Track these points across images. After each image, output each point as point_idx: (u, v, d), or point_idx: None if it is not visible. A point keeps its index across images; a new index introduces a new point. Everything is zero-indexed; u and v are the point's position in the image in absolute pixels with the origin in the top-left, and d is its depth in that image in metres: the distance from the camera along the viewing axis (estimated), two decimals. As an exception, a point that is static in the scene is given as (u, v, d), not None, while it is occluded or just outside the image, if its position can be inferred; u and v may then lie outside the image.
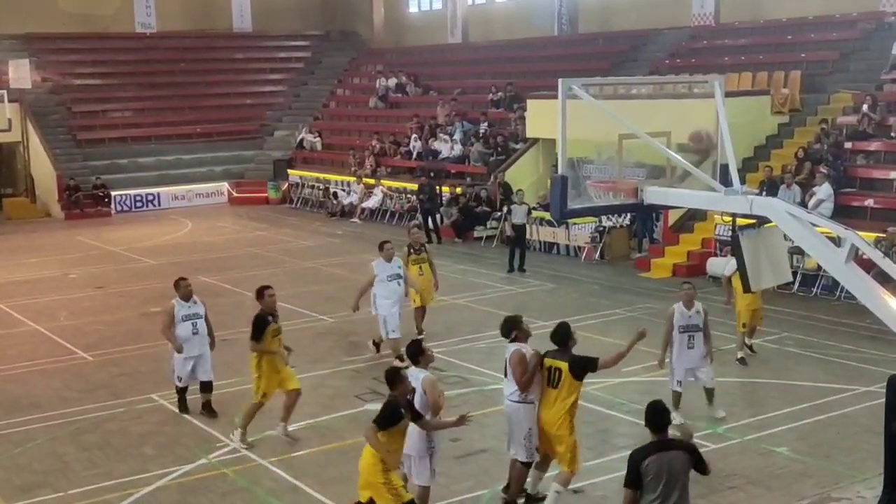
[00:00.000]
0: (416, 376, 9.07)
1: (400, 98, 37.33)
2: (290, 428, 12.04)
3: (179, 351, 12.54)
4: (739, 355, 14.49)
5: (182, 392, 12.85)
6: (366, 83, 40.65)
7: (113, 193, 34.10)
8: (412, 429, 8.77)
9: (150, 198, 34.90)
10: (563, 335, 9.56)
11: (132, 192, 34.68)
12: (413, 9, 44.58)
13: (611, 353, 9.82)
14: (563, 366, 9.33)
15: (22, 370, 15.25)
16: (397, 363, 12.84)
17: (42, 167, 34.70)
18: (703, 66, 26.79)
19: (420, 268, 16.07)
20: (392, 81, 37.76)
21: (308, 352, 15.80)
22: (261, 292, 11.97)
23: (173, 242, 27.79)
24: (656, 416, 7.10)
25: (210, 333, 12.90)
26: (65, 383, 14.50)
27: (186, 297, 12.76)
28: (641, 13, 32.52)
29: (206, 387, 12.77)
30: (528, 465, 9.67)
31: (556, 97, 10.32)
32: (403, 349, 10.19)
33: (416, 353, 9.35)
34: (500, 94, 31.79)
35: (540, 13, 35.87)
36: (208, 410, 12.67)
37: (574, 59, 32.20)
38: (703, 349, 11.98)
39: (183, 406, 12.81)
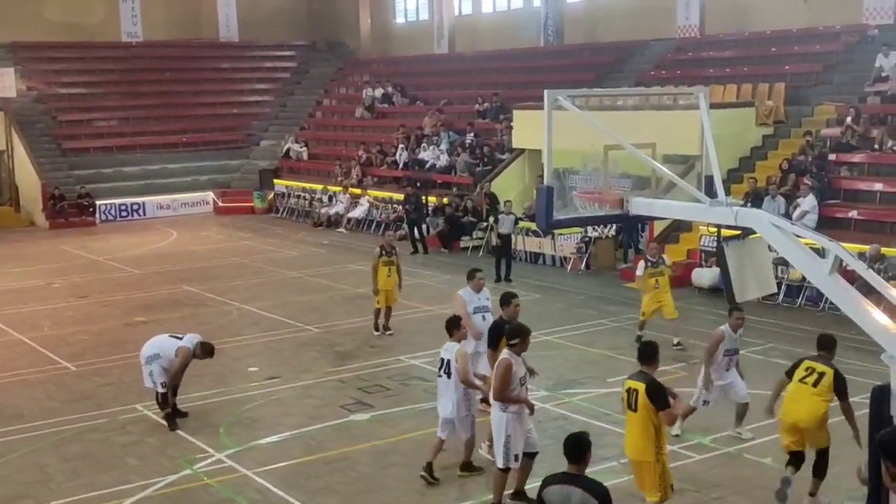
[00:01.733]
0: (449, 349, 10.51)
1: (386, 108, 37.35)
2: (274, 438, 12.01)
3: None
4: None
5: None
6: (352, 93, 40.67)
7: (98, 202, 33.97)
8: (454, 396, 10.36)
9: (135, 207, 34.78)
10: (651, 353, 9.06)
11: (117, 201, 34.55)
12: (400, 19, 44.66)
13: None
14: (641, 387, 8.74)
15: (4, 380, 15.14)
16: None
17: (26, 176, 34.53)
18: (688, 77, 26.92)
19: (389, 270, 17.08)
20: (378, 91, 37.79)
21: (293, 362, 15.77)
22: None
23: (158, 252, 27.69)
24: (573, 448, 6.84)
25: None
26: (48, 393, 14.40)
27: None
28: (627, 25, 32.66)
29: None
30: (505, 471, 9.74)
31: (542, 108, 10.36)
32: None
33: (452, 327, 10.74)
34: (486, 104, 31.85)
35: (526, 24, 35.98)
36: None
37: (560, 70, 32.29)
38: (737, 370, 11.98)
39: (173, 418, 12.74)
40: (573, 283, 21.91)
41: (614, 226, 22.25)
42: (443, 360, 10.54)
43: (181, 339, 12.74)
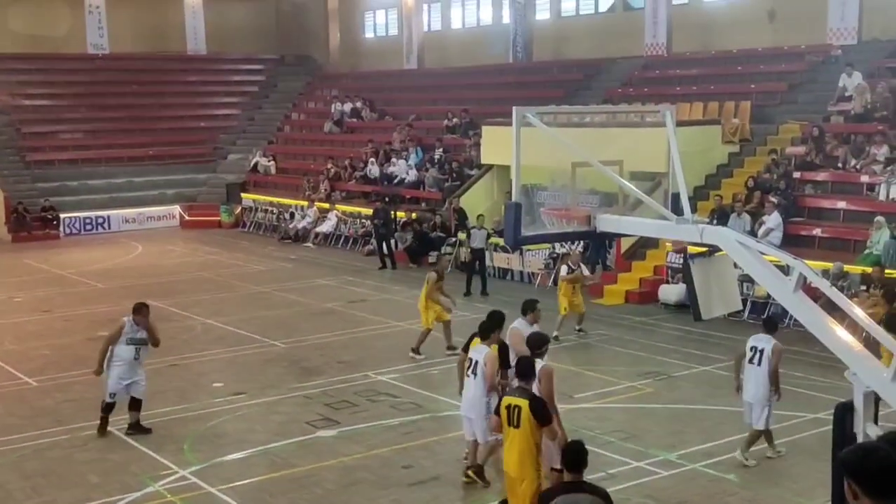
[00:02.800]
0: (480, 350, 10.76)
1: (355, 123, 37.32)
2: (239, 455, 11.89)
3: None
4: (555, 334, 16.66)
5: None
6: (321, 107, 40.60)
7: (62, 216, 33.60)
8: (473, 392, 10.59)
9: (100, 220, 34.44)
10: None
11: (82, 214, 34.21)
12: (369, 34, 44.71)
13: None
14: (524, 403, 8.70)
15: (-36, 396, 14.89)
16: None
17: (-11, 188, 34.14)
18: (655, 95, 27.12)
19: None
20: (347, 106, 37.76)
21: (259, 378, 15.64)
22: None
23: (123, 266, 27.42)
24: (573, 456, 7.01)
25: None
26: (7, 409, 14.18)
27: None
28: (595, 42, 32.90)
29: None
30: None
31: (510, 124, 10.37)
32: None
33: (489, 329, 11.00)
34: (455, 120, 31.91)
35: (495, 41, 36.13)
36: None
37: (528, 86, 32.43)
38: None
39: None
40: (541, 298, 21.79)
41: (582, 242, 22.31)
42: (472, 360, 10.81)
43: None
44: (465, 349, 11.19)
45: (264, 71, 44.53)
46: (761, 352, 11.83)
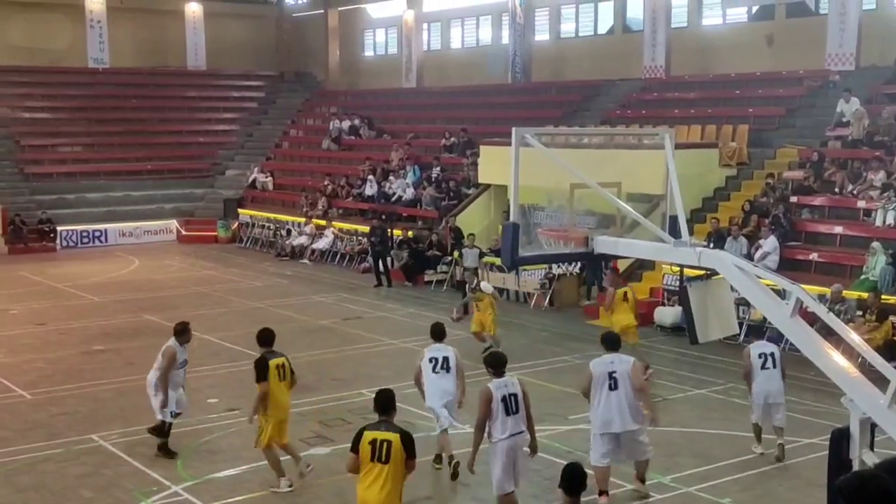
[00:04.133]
0: (441, 349, 11.99)
1: (353, 140, 37.40)
2: (232, 472, 11.83)
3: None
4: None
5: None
6: (319, 124, 40.69)
7: (59, 229, 33.58)
8: (448, 385, 11.82)
9: (97, 234, 34.42)
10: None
11: (79, 227, 34.18)
12: (369, 52, 44.86)
13: None
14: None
15: (-43, 408, 14.84)
16: None
17: (-14, 200, 34.13)
18: (653, 117, 27.24)
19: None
20: (346, 124, 37.85)
21: (253, 394, 15.54)
22: None
23: (119, 280, 27.38)
24: (571, 479, 6.96)
25: None
26: (1, 422, 14.11)
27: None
28: (594, 64, 33.04)
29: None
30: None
31: (508, 144, 10.43)
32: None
33: (441, 334, 12.18)
34: (453, 139, 31.98)
35: (494, 61, 36.27)
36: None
37: (527, 106, 32.54)
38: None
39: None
40: (536, 319, 21.92)
41: (579, 263, 22.32)
42: (437, 358, 11.92)
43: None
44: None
45: (263, 87, 44.65)
46: (771, 355, 12.29)
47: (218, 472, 12.01)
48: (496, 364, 10.01)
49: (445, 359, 11.94)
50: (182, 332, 12.63)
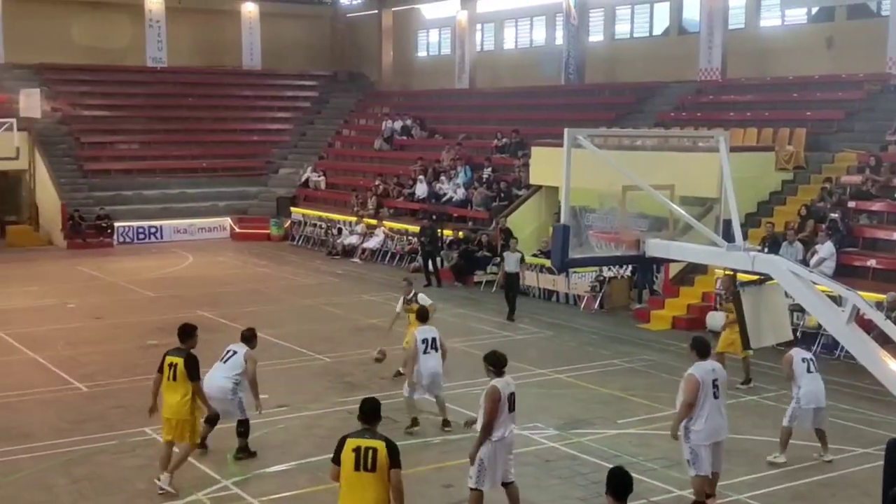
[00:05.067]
0: (429, 330, 13.71)
1: (405, 140, 37.53)
2: (280, 468, 11.95)
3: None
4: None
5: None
6: (372, 124, 40.89)
7: (116, 224, 34.15)
8: (436, 363, 13.54)
9: (153, 230, 34.95)
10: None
11: (135, 223, 34.73)
12: (422, 53, 44.97)
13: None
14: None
15: (16, 398, 15.17)
16: None
17: (47, 196, 34.80)
18: (708, 120, 26.96)
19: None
20: (398, 124, 37.99)
21: (302, 391, 15.74)
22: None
23: (174, 276, 27.78)
24: (618, 484, 6.88)
25: None
26: (58, 413, 14.40)
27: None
28: (648, 66, 32.80)
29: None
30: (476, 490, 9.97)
31: (560, 145, 10.39)
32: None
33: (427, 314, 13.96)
34: (504, 140, 31.96)
35: (547, 62, 36.17)
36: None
37: (580, 108, 32.39)
38: None
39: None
40: (586, 321, 21.83)
41: (629, 266, 22.18)
42: (427, 339, 13.54)
43: (230, 356, 12.47)
44: None
45: (317, 87, 44.97)
46: (812, 360, 12.35)
47: (267, 467, 12.13)
48: (498, 363, 9.99)
49: (434, 339, 13.64)
50: (251, 337, 12.64)
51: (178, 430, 11.14)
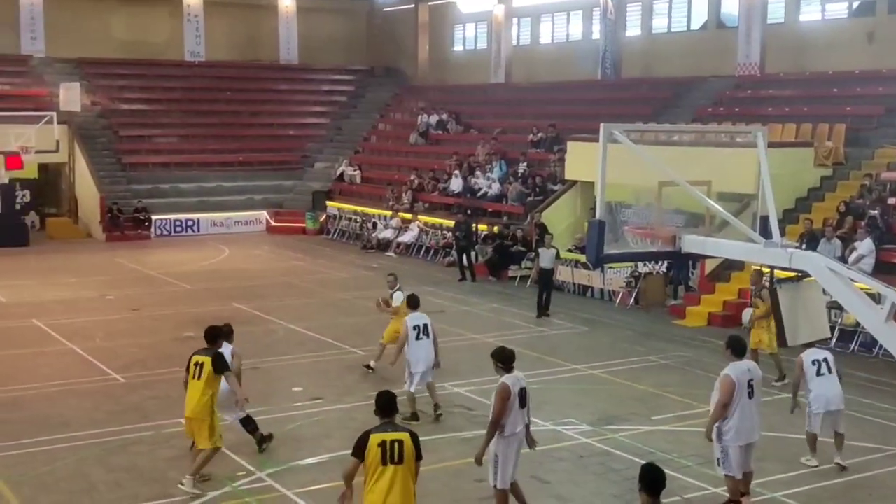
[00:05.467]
0: (420, 317, 13.93)
1: (440, 135, 37.54)
2: (314, 460, 12.02)
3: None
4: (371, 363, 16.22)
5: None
6: (407, 119, 40.94)
7: (153, 217, 34.49)
8: (429, 351, 13.74)
9: (190, 223, 35.26)
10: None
11: (172, 216, 35.06)
12: (458, 47, 44.94)
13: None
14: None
15: (54, 389, 15.37)
16: None
17: (86, 188, 35.21)
18: (746, 115, 26.71)
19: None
20: (433, 118, 38.01)
21: (336, 384, 15.81)
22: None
23: (210, 268, 28.00)
24: (651, 480, 6.85)
25: None
26: (95, 404, 14.58)
27: None
28: (686, 60, 32.54)
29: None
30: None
31: (596, 140, 10.35)
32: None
33: (418, 302, 14.31)
34: (540, 134, 31.87)
35: (584, 56, 36.01)
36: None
37: (616, 103, 32.22)
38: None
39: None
40: (621, 317, 21.73)
41: (665, 261, 22.06)
42: (419, 325, 13.76)
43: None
44: None
45: (353, 81, 45.11)
46: (825, 360, 11.81)
47: (301, 459, 12.21)
48: (506, 359, 9.95)
49: (426, 325, 13.82)
50: (230, 333, 12.52)
51: (197, 430, 11.04)
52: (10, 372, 16.33)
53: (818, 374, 11.82)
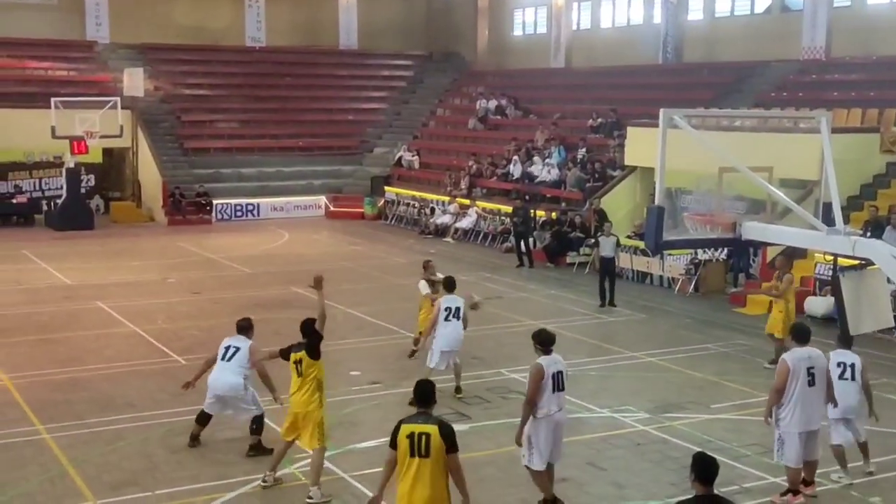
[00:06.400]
0: (454, 299, 14.36)
1: (499, 120, 37.44)
2: (372, 443, 12.12)
3: None
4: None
5: None
6: (466, 104, 40.89)
7: (214, 202, 34.94)
8: (458, 331, 14.21)
9: (250, 208, 35.66)
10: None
11: (233, 201, 35.48)
12: (517, 32, 44.73)
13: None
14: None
15: (118, 370, 15.69)
16: None
17: (149, 173, 35.80)
18: (810, 100, 26.23)
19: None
20: (492, 103, 37.91)
21: (394, 368, 15.91)
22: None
23: (270, 253, 28.32)
24: (704, 468, 6.79)
25: None
26: (158, 385, 14.86)
27: None
28: (749, 44, 32.03)
29: None
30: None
31: (656, 126, 10.27)
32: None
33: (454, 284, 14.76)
34: (600, 119, 31.63)
35: (645, 41, 35.61)
36: None
37: (677, 88, 31.84)
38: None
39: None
40: (680, 304, 21.54)
41: (725, 249, 21.79)
42: (450, 308, 14.15)
43: (234, 353, 12.16)
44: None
45: (412, 67, 45.16)
46: (851, 366, 11.17)
47: (359, 443, 12.32)
48: (545, 341, 10.06)
49: (458, 308, 14.20)
50: (249, 328, 12.42)
51: (303, 427, 10.70)
52: (75, 353, 16.72)
53: (840, 377, 11.10)
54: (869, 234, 17.48)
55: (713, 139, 10.63)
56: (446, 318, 14.10)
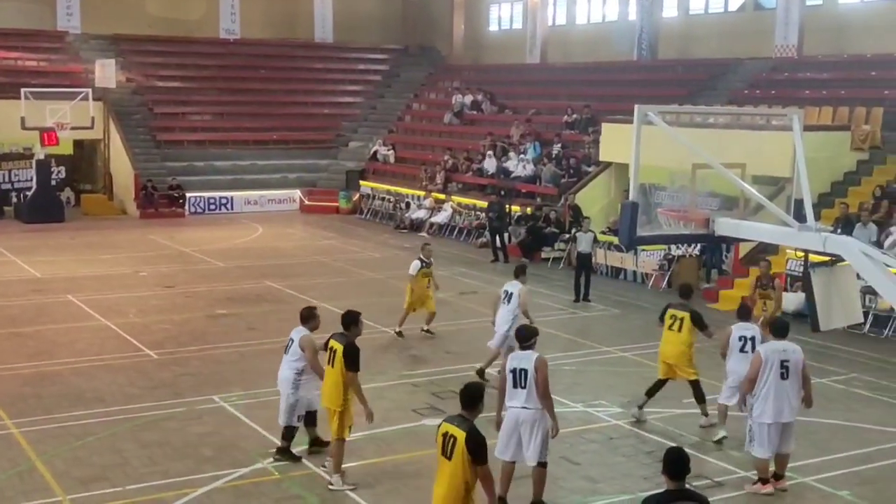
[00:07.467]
0: (515, 284, 14.77)
1: (475, 115, 37.44)
2: (346, 439, 12.09)
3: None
4: (397, 329, 17.44)
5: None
6: (442, 98, 40.86)
7: (187, 195, 34.71)
8: (504, 315, 14.64)
9: (224, 201, 35.46)
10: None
11: (206, 194, 35.25)
12: (493, 27, 44.75)
13: None
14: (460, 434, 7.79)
15: (88, 364, 15.56)
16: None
17: (121, 165, 35.49)
18: (782, 98, 26.42)
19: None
20: (468, 98, 37.91)
21: (368, 363, 15.75)
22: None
23: (243, 246, 28.17)
24: (674, 464, 6.83)
25: None
26: (129, 380, 14.75)
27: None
28: (722, 42, 32.22)
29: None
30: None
31: (631, 122, 10.26)
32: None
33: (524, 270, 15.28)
34: (575, 115, 31.70)
35: (620, 37, 35.73)
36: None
37: (652, 84, 31.97)
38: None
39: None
40: (654, 300, 21.58)
41: (699, 245, 21.91)
42: (507, 291, 14.78)
43: (290, 344, 11.52)
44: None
45: (388, 61, 45.06)
46: (752, 339, 12.07)
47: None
48: (523, 338, 10.33)
49: (510, 294, 14.71)
50: (310, 317, 11.72)
51: (329, 417, 10.64)
52: (44, 347, 16.56)
53: (741, 350, 12.03)
54: (840, 230, 17.63)
55: (687, 136, 10.64)
56: (502, 301, 14.77)
